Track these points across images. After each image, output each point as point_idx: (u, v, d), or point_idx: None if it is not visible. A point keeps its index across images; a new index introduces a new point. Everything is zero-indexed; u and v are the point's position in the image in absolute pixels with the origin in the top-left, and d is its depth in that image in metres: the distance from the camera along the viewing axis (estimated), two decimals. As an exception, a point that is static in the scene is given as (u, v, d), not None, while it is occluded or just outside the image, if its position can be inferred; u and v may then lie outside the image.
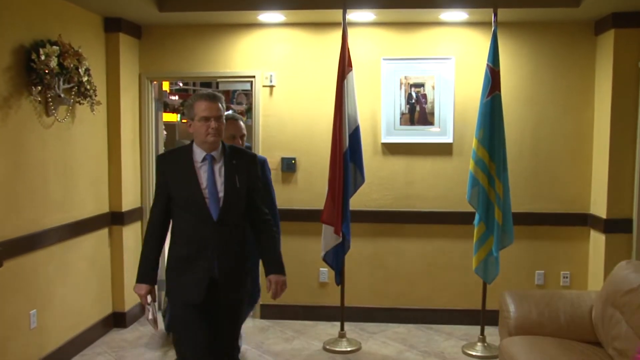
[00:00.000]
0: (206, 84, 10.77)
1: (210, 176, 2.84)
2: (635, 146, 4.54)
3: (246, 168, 2.95)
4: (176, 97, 10.89)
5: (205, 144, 2.83)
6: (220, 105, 2.86)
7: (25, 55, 3.70)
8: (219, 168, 2.87)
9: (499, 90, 4.32)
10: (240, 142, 3.79)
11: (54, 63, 3.78)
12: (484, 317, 4.57)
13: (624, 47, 4.50)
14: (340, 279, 4.55)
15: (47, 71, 3.75)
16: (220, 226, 2.83)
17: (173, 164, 2.92)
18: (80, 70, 4.08)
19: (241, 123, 3.84)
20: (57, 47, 3.86)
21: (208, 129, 2.79)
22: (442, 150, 5.00)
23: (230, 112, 4.68)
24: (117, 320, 4.95)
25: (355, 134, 4.48)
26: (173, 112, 10.80)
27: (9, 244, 3.57)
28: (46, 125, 3.98)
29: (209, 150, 2.85)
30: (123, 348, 4.55)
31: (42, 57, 3.71)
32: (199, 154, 2.87)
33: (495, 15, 4.35)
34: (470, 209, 4.53)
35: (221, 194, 2.82)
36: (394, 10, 4.57)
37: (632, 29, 4.47)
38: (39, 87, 3.74)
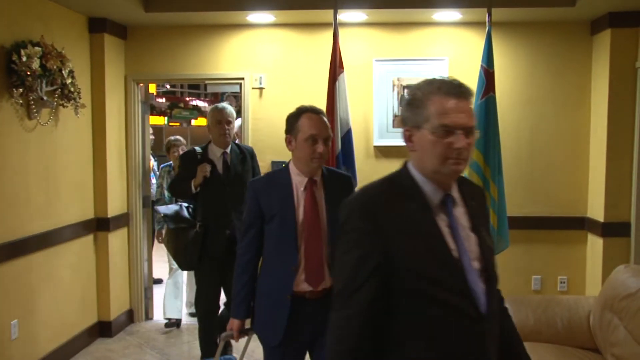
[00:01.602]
0: (194, 86, 10.69)
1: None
2: (633, 148, 4.49)
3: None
4: (163, 100, 10.81)
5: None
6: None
7: (6, 56, 3.61)
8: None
9: (494, 92, 4.26)
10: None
11: (36, 64, 3.70)
12: (479, 323, 4.48)
13: (621, 47, 4.46)
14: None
15: (28, 73, 3.66)
16: None
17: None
18: (63, 72, 3.99)
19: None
20: (40, 48, 3.77)
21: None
22: (436, 153, 4.91)
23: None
24: (103, 329, 4.84)
25: (347, 137, 4.41)
26: (160, 115, 10.72)
27: (-12, 251, 3.46)
28: (28, 128, 3.87)
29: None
30: (108, 358, 4.44)
31: (24, 58, 3.63)
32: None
33: (490, 15, 4.29)
34: (465, 213, 4.45)
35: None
36: (386, 10, 4.51)
37: (629, 28, 4.43)
38: (21, 90, 3.66)
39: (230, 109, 3.95)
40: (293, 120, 2.50)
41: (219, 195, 3.85)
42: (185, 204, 4.06)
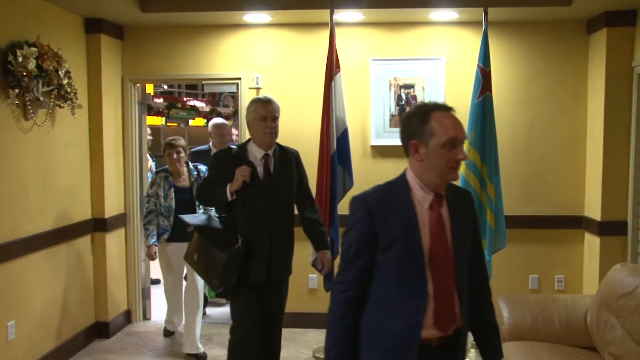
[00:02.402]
0: (192, 87, 10.68)
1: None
2: (629, 146, 4.49)
3: None
4: (161, 100, 10.79)
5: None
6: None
7: (2, 56, 3.60)
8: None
9: (490, 91, 4.25)
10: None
11: (32, 65, 3.69)
12: (477, 322, 4.48)
13: (617, 46, 4.45)
14: (329, 284, 4.45)
15: (25, 73, 3.65)
16: None
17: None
18: (60, 72, 3.98)
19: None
20: (36, 49, 3.77)
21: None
22: (433, 152, 4.91)
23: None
24: (100, 330, 4.83)
25: (343, 137, 4.41)
26: (158, 115, 10.70)
27: (-15, 252, 3.45)
28: (24, 129, 3.86)
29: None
30: (106, 359, 4.43)
31: (20, 59, 3.62)
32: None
33: (486, 14, 4.29)
34: (462, 212, 4.45)
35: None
36: (382, 10, 4.51)
37: (625, 27, 4.42)
38: (17, 90, 3.65)
39: (277, 103, 3.33)
40: (419, 121, 1.94)
41: (259, 207, 3.24)
42: (215, 214, 3.52)
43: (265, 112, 3.23)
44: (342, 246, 2.03)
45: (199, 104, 15.00)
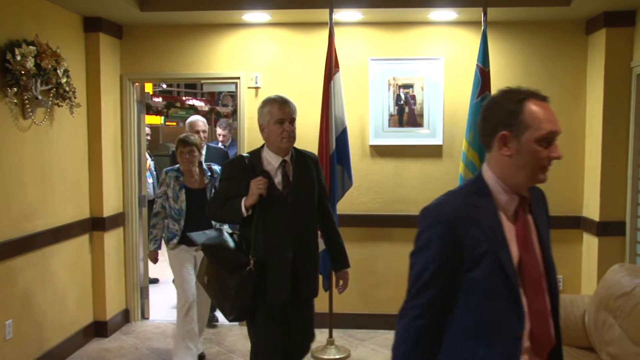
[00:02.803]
0: (191, 86, 10.67)
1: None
2: (628, 147, 4.49)
3: None
4: (160, 99, 10.78)
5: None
6: None
7: (0, 55, 3.58)
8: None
9: (489, 91, 4.26)
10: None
11: (30, 64, 3.69)
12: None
13: (616, 46, 4.45)
14: (328, 284, 4.45)
15: (23, 72, 3.65)
16: None
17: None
18: (58, 71, 3.98)
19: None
20: (34, 47, 3.76)
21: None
22: (432, 152, 4.92)
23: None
24: (98, 329, 4.82)
25: (342, 136, 4.41)
26: (157, 114, 10.70)
27: (-17, 251, 3.45)
28: (23, 128, 3.86)
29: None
30: (104, 358, 4.43)
31: (18, 58, 3.62)
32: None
33: (485, 14, 4.30)
34: (461, 212, 4.45)
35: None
36: (381, 9, 4.50)
37: (624, 28, 4.42)
38: (15, 89, 3.64)
39: (293, 103, 3.02)
40: (510, 109, 1.64)
41: (279, 221, 2.91)
42: (228, 230, 3.15)
43: (282, 114, 2.92)
44: (413, 267, 1.71)
45: (197, 103, 15.01)
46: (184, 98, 14.70)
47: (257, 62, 5.00)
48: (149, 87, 9.12)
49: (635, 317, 2.90)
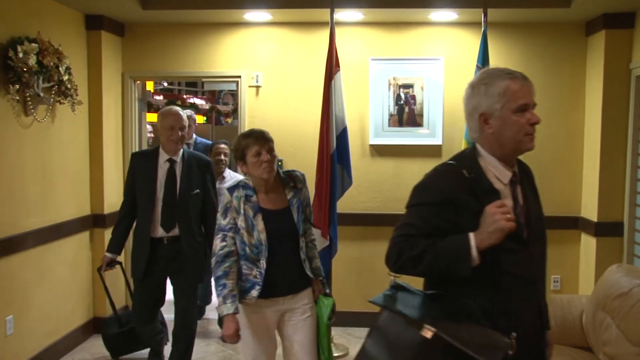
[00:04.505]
0: (192, 84, 10.68)
1: None
2: (626, 148, 4.50)
3: None
4: (161, 97, 10.78)
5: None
6: None
7: (2, 52, 3.60)
8: None
9: (489, 91, 4.26)
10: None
11: (32, 61, 3.70)
12: (473, 321, 4.49)
13: (615, 48, 4.47)
14: (327, 283, 4.47)
15: (25, 69, 3.66)
16: None
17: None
18: (60, 68, 3.99)
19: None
20: (36, 45, 3.77)
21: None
22: (431, 152, 4.93)
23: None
24: (98, 325, 4.81)
25: (342, 136, 4.41)
26: (157, 113, 10.73)
27: (-16, 247, 3.46)
28: (25, 125, 3.87)
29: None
30: (104, 354, 4.43)
31: (20, 55, 3.63)
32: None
33: (485, 15, 4.31)
34: (460, 212, 4.47)
35: None
36: (382, 9, 4.52)
37: (623, 29, 4.44)
38: (17, 86, 3.65)
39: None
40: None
41: (517, 270, 1.82)
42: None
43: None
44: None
45: (198, 101, 14.99)
46: (184, 96, 14.70)
47: (258, 61, 5.02)
48: (150, 85, 9.13)
49: (633, 318, 2.90)
